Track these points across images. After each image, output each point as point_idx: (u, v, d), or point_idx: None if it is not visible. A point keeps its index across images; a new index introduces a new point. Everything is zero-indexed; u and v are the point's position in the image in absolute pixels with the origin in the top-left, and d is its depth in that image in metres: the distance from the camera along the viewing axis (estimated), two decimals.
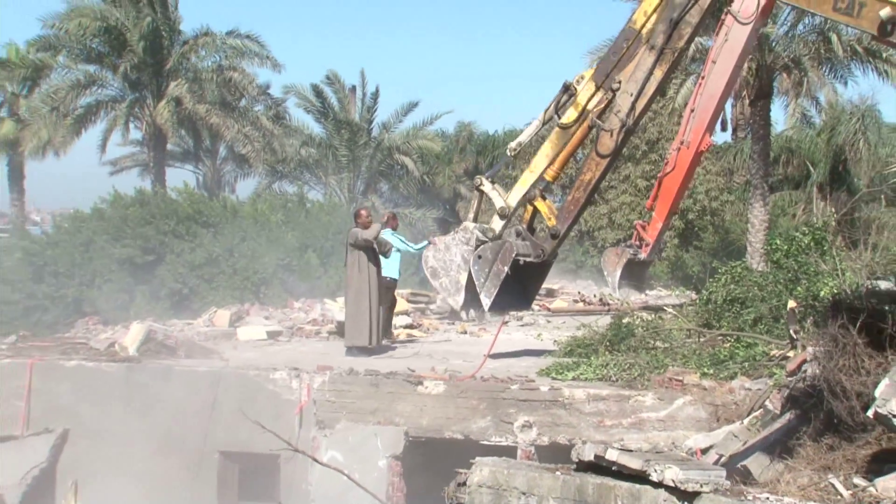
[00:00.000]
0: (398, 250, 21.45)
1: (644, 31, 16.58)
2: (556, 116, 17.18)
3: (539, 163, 17.83)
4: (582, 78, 16.95)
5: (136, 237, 34.46)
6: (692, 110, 19.74)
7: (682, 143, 19.80)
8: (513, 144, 18.39)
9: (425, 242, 21.02)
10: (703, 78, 19.84)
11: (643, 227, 20.25)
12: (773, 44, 33.41)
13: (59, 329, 23.85)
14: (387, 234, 21.52)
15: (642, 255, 19.98)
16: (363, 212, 20.77)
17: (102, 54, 45.20)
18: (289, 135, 49.38)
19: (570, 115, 17.08)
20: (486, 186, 18.49)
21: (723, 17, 17.31)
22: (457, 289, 17.71)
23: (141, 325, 21.51)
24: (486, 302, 17.63)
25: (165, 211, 36.51)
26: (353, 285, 20.09)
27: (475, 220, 18.77)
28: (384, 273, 20.66)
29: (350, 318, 20.32)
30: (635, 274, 20.19)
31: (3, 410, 18.82)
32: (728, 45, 18.38)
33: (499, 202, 17.85)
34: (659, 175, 21.11)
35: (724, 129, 25.18)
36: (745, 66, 24.11)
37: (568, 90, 17.07)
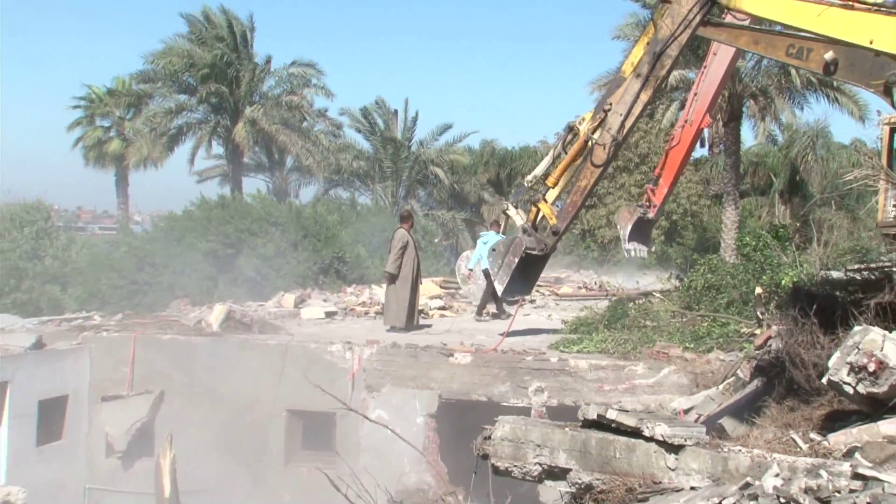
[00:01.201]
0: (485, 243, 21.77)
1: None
2: (563, 153, 17.29)
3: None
4: (583, 119, 17.00)
5: (218, 234, 34.51)
6: (695, 94, 19.85)
7: (686, 121, 19.91)
8: (529, 177, 18.47)
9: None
10: (704, 67, 19.88)
11: (652, 191, 20.28)
12: (743, 75, 33.41)
13: (156, 309, 24.00)
14: (490, 237, 21.83)
15: (650, 215, 20.09)
16: (406, 212, 20.98)
17: (190, 85, 45.36)
18: (343, 150, 49.45)
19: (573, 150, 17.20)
20: (511, 211, 18.74)
21: (723, 14, 17.13)
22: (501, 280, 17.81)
23: (223, 306, 21.65)
24: (499, 287, 17.68)
25: (242, 213, 36.55)
26: (396, 278, 20.20)
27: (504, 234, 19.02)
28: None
29: (389, 303, 20.42)
30: (643, 231, 20.18)
31: (113, 375, 19.03)
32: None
33: (519, 222, 17.91)
34: (666, 148, 21.34)
35: (702, 146, 25.02)
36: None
37: (572, 129, 17.16)
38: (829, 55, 14.30)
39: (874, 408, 7.96)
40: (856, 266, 12.19)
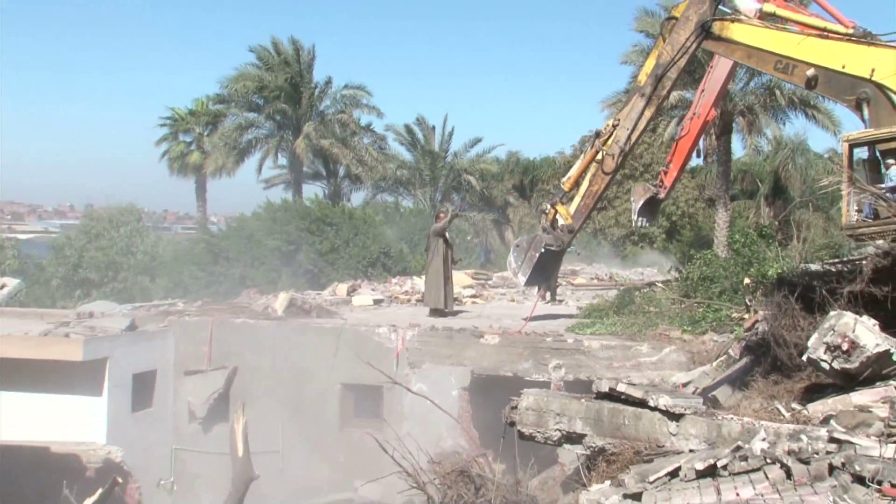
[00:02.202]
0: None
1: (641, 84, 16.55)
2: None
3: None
4: (608, 126, 17.02)
5: (281, 233, 34.62)
6: (702, 90, 19.67)
7: (694, 113, 19.69)
8: (564, 179, 18.40)
9: None
10: (711, 67, 19.70)
11: (664, 174, 20.14)
12: (733, 95, 33.18)
13: (230, 297, 24.17)
14: None
15: (661, 195, 19.77)
16: (441, 214, 20.93)
17: (258, 105, 45.60)
18: (388, 160, 49.37)
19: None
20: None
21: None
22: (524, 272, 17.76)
23: (286, 294, 21.78)
24: (521, 279, 17.70)
25: (302, 214, 36.66)
26: (432, 265, 20.20)
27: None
28: None
29: (429, 288, 20.44)
30: (652, 209, 19.85)
31: (193, 352, 19.17)
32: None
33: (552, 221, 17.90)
34: (676, 138, 21.07)
35: (698, 156, 24.88)
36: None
37: (598, 134, 17.14)
38: (810, 72, 14.50)
39: (847, 381, 7.94)
40: (831, 260, 12.12)
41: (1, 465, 13.98)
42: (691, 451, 7.26)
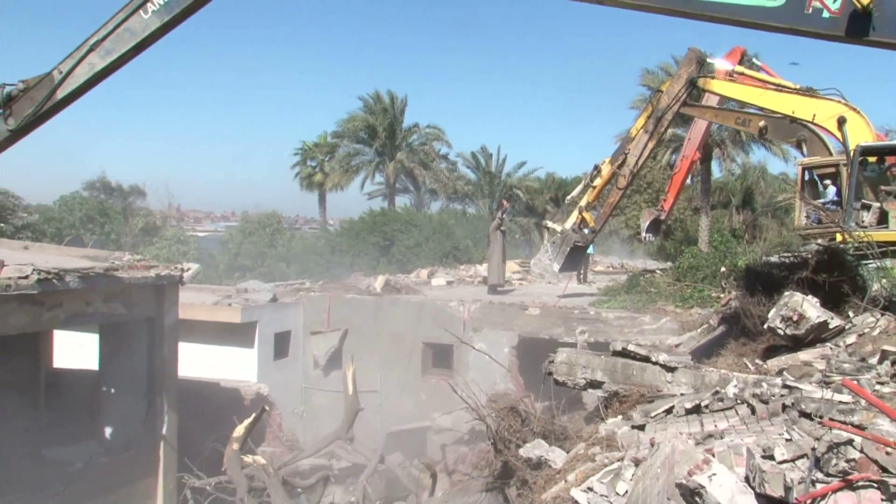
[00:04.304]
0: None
1: (635, 132, 16.53)
2: (590, 183, 17.38)
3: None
4: (604, 162, 17.02)
5: (380, 232, 34.97)
6: (689, 139, 20.24)
7: (683, 156, 19.99)
8: (568, 197, 18.83)
9: None
10: (694, 121, 19.84)
11: (664, 201, 20.47)
12: (712, 133, 32.78)
13: (342, 278, 24.48)
14: None
15: (662, 217, 20.17)
16: (503, 201, 21.10)
17: (364, 139, 46.06)
18: (457, 178, 49.43)
19: (597, 181, 17.20)
20: (550, 224, 18.94)
21: (703, 94, 17.17)
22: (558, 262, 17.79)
23: (383, 277, 22.02)
24: (556, 267, 17.69)
25: (394, 219, 36.99)
26: (494, 254, 20.23)
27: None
28: None
29: (491, 270, 20.47)
30: (656, 227, 20.15)
31: (316, 318, 19.46)
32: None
33: (558, 230, 17.88)
34: (672, 175, 21.61)
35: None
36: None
37: (597, 168, 17.20)
38: (762, 123, 15.68)
39: (796, 343, 7.88)
40: (785, 254, 11.95)
41: (189, 394, 14.41)
42: (682, 394, 7.25)
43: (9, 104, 8.49)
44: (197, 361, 16.60)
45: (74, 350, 16.12)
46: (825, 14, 5.01)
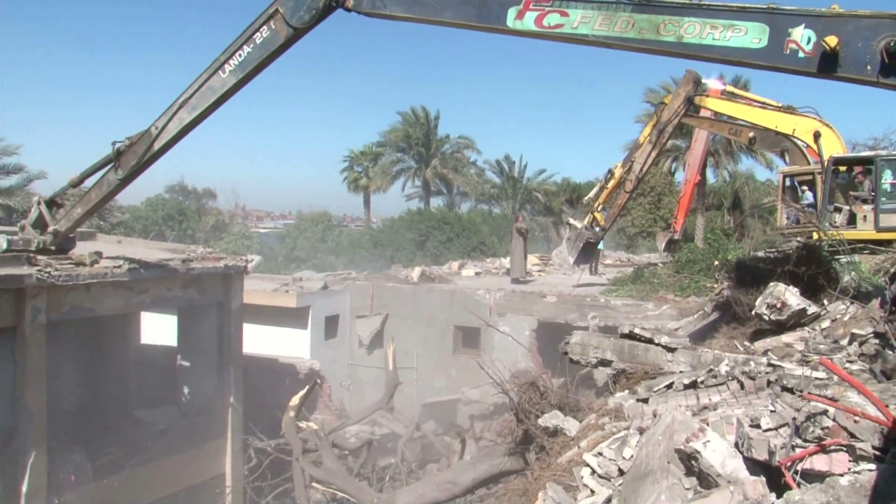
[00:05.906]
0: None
1: (643, 139, 16.48)
2: (605, 185, 17.25)
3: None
4: (617, 166, 16.91)
5: (416, 229, 35.11)
6: (689, 164, 20.39)
7: (686, 180, 20.28)
8: (585, 198, 18.48)
9: None
10: (691, 149, 20.10)
11: (675, 223, 20.96)
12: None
13: (384, 269, 24.63)
14: None
15: (675, 237, 20.68)
16: (519, 217, 20.99)
17: (404, 148, 46.27)
18: (484, 182, 49.38)
19: (610, 183, 17.10)
20: (572, 221, 18.66)
21: (700, 109, 17.27)
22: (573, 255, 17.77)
23: (419, 268, 22.03)
24: (570, 260, 17.62)
25: (429, 217, 37.12)
26: (516, 250, 20.23)
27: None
28: None
29: (514, 265, 20.43)
30: (671, 247, 20.55)
31: (361, 304, 19.49)
32: (701, 132, 19.64)
33: (579, 226, 17.80)
34: (678, 199, 21.96)
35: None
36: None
37: (610, 171, 17.10)
38: (751, 134, 15.81)
39: (779, 327, 7.86)
40: (769, 250, 11.89)
41: (252, 368, 14.71)
42: (681, 371, 7.26)
43: (118, 158, 9.00)
44: (259, 340, 16.80)
45: (158, 329, 16.53)
46: (801, 54, 5.24)
